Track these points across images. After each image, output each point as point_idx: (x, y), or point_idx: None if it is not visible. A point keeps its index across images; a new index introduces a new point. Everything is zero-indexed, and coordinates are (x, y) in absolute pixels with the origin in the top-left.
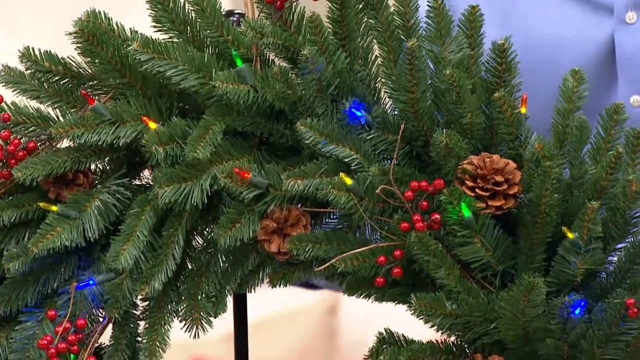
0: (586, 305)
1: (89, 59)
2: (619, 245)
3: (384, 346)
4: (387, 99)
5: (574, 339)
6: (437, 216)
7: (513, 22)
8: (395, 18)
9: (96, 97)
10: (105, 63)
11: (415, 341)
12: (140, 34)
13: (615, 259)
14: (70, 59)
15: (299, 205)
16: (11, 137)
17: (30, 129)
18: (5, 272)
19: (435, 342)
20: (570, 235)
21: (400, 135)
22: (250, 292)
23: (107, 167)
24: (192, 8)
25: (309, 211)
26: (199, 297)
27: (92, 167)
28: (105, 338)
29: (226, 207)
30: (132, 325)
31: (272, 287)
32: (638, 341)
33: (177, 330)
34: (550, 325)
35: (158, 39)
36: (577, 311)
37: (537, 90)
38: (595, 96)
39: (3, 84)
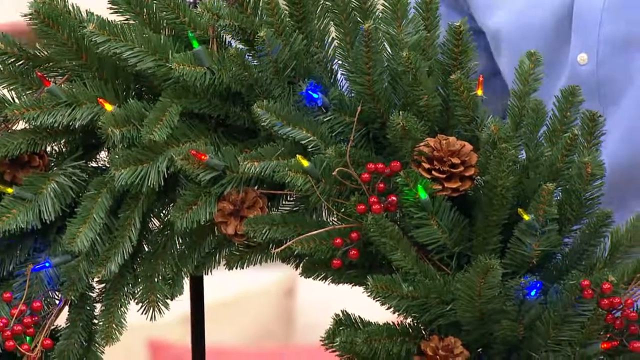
0: (542, 287)
1: (45, 40)
2: (575, 227)
3: (341, 328)
4: (344, 81)
5: (529, 320)
6: (394, 198)
7: None
8: (352, 0)
9: (52, 79)
10: (61, 45)
11: (372, 323)
12: (97, 15)
13: (571, 240)
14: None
15: (256, 188)
16: None
17: None
18: None
19: (391, 323)
20: (526, 217)
21: (357, 117)
22: (207, 274)
23: (63, 149)
24: None
25: (266, 193)
26: (156, 280)
27: (48, 149)
28: (62, 320)
29: (183, 189)
30: (88, 308)
31: (229, 270)
32: (593, 322)
33: (133, 313)
34: (506, 307)
35: (114, 20)
36: (532, 293)
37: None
38: (555, 57)
39: None
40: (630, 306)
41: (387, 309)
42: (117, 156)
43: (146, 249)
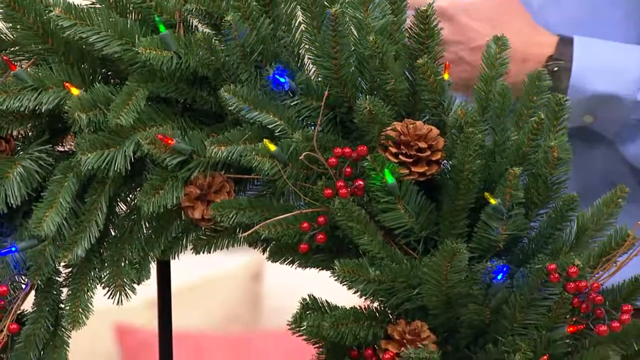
0: (508, 271)
1: (11, 24)
2: (541, 211)
3: (308, 312)
4: (311, 66)
5: (496, 304)
6: (361, 182)
7: None
8: None
9: (18, 63)
10: (27, 29)
11: (338, 307)
12: None
13: (537, 224)
14: None
15: (223, 172)
16: None
17: None
18: None
19: (358, 308)
20: (492, 201)
21: (324, 101)
22: (174, 258)
23: (30, 134)
24: None
25: (233, 178)
26: (122, 264)
27: (14, 133)
28: (28, 305)
29: (149, 173)
30: (54, 292)
31: (196, 254)
32: (559, 306)
33: (100, 297)
34: (473, 291)
35: (80, 4)
36: (499, 277)
37: None
38: None
39: None
40: (596, 290)
41: (354, 293)
42: (83, 140)
43: (113, 233)
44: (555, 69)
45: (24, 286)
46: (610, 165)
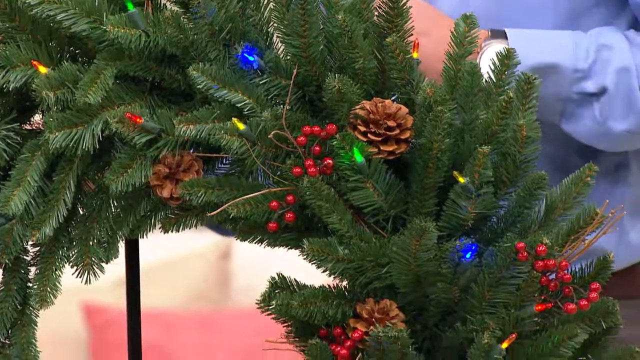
0: (477, 250)
1: None
2: (510, 190)
3: (277, 291)
4: (280, 44)
5: (464, 283)
6: (330, 161)
7: None
8: None
9: None
10: None
11: (307, 286)
12: None
13: (506, 203)
14: None
15: (192, 151)
16: None
17: None
18: None
19: (327, 286)
20: (461, 179)
21: (293, 80)
22: (143, 237)
23: None
24: None
25: (202, 156)
26: (91, 243)
27: None
28: None
29: (118, 152)
30: (22, 271)
31: (165, 233)
32: (527, 285)
33: (68, 276)
34: (442, 270)
35: None
36: (468, 255)
37: None
38: None
39: None
40: (565, 268)
41: (323, 272)
42: (51, 119)
43: (81, 212)
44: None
45: None
46: (562, 152)
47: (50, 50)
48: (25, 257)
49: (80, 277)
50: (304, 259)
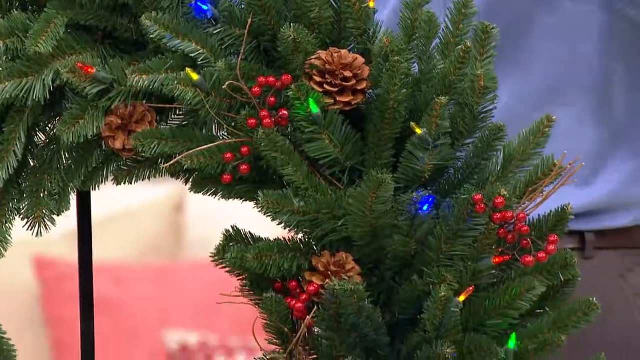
0: (434, 202)
1: None
2: (468, 141)
3: (231, 244)
4: None
5: (421, 235)
6: (285, 112)
7: None
8: None
9: None
10: None
11: (262, 239)
12: None
13: (464, 154)
14: None
15: (145, 102)
16: None
17: None
18: None
19: (282, 239)
20: (418, 130)
21: (248, 29)
22: (95, 189)
23: None
24: None
25: (155, 107)
26: (42, 195)
27: None
28: None
29: (69, 103)
30: None
31: (117, 185)
32: (485, 237)
33: (19, 229)
34: (398, 222)
35: None
36: (425, 207)
37: None
38: None
39: None
40: (522, 220)
41: (278, 224)
42: (1, 69)
43: (32, 164)
44: None
45: None
46: None
47: None
48: None
49: (31, 229)
50: (259, 211)
